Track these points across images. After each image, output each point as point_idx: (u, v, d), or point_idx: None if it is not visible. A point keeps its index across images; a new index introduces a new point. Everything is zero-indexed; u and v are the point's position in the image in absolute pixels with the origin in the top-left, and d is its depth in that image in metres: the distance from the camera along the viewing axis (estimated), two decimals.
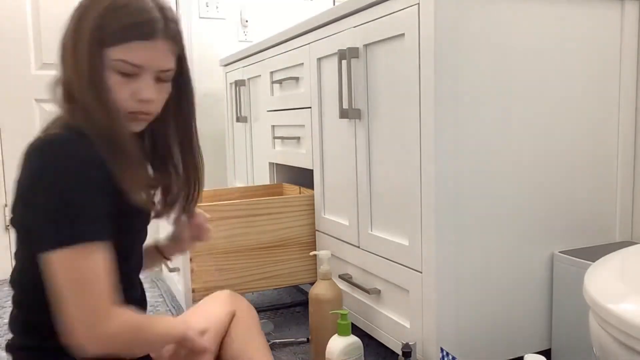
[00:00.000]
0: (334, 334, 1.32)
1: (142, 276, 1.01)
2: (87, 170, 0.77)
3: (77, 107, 0.81)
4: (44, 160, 0.76)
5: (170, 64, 0.86)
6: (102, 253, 0.77)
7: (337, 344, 1.20)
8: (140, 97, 0.83)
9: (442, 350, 1.01)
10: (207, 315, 1.07)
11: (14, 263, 0.87)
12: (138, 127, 0.88)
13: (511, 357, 1.23)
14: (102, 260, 0.77)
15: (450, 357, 1.01)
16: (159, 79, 0.86)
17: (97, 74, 0.81)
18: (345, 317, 1.21)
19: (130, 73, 0.82)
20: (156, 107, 0.88)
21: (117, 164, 0.80)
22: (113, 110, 0.82)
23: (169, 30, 0.84)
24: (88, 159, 0.77)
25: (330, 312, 1.29)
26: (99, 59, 0.80)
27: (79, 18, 0.82)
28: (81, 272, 0.75)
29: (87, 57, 0.80)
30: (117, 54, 0.81)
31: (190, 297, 1.57)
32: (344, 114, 1.38)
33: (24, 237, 0.83)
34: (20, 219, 0.82)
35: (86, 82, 0.81)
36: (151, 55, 0.83)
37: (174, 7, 2.56)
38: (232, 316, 1.10)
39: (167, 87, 0.89)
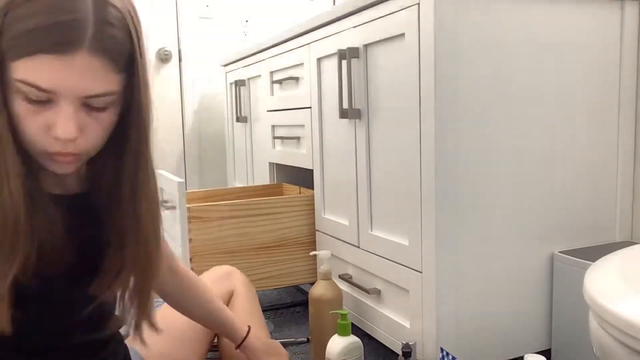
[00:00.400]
0: (334, 334, 1.32)
1: None
2: None
3: None
4: None
5: (103, 86, 0.60)
6: None
7: (337, 343, 1.20)
8: (54, 134, 0.60)
9: (442, 350, 1.01)
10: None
11: None
12: (62, 169, 0.65)
13: (511, 357, 1.23)
14: None
15: (450, 357, 1.01)
16: (88, 107, 0.61)
17: (2, 102, 0.59)
18: (345, 317, 1.21)
19: (40, 100, 0.58)
20: (86, 146, 0.63)
21: None
22: (12, 161, 0.60)
23: (102, 38, 0.58)
24: None
25: (330, 312, 1.29)
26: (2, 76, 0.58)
27: None
28: None
29: None
30: (19, 71, 0.57)
31: None
32: (344, 114, 1.38)
33: None
34: None
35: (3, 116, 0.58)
36: (67, 75, 0.57)
37: (173, 8, 2.56)
38: (231, 295, 1.08)
39: (104, 118, 0.63)
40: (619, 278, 0.78)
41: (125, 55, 0.61)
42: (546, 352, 1.25)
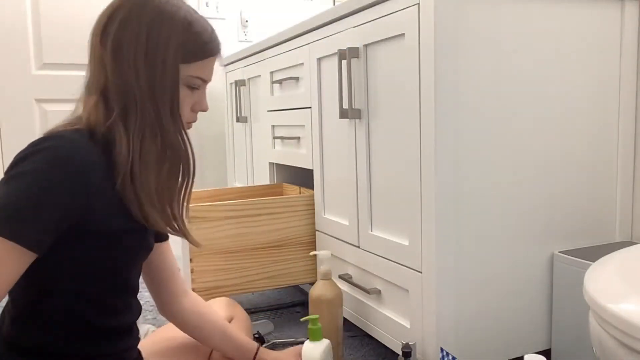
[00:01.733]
0: (334, 334, 1.32)
1: (142, 277, 1.00)
2: (61, 176, 0.72)
3: (133, 120, 0.80)
4: (38, 147, 0.74)
5: None
6: (8, 253, 0.69)
7: (314, 349, 1.18)
8: (201, 108, 0.88)
9: (442, 350, 1.01)
10: None
11: None
12: None
13: (511, 357, 1.23)
14: (6, 261, 0.70)
15: (450, 357, 1.01)
16: None
17: (176, 88, 0.82)
18: (316, 322, 1.20)
19: (197, 87, 0.86)
20: None
21: (153, 184, 0.81)
22: (182, 126, 0.85)
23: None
24: (78, 164, 0.74)
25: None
26: (178, 74, 0.82)
27: (152, 30, 0.80)
28: None
29: (170, 72, 0.81)
30: (194, 70, 0.84)
31: None
32: (344, 114, 1.38)
33: None
34: None
35: (164, 97, 0.81)
36: (212, 70, 0.88)
37: None
38: (230, 320, 1.12)
39: None
40: (619, 278, 0.78)
41: None
42: (546, 352, 1.25)
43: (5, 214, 0.70)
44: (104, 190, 0.77)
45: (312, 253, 1.48)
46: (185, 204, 0.90)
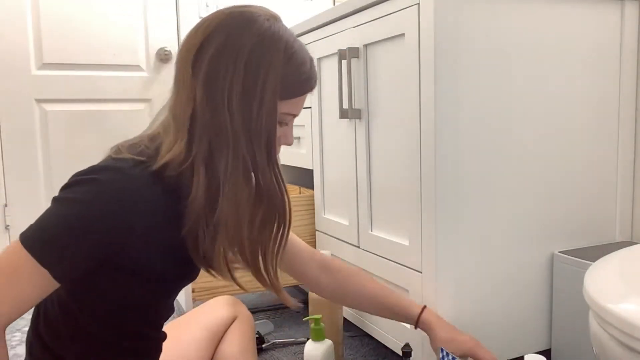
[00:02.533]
0: (333, 334, 1.32)
1: None
2: (105, 213, 0.68)
3: (221, 160, 0.73)
4: (92, 177, 0.70)
5: None
6: (36, 276, 0.68)
7: (317, 349, 1.19)
8: (287, 142, 0.82)
9: (442, 350, 1.01)
10: (209, 315, 1.09)
11: None
12: None
13: (511, 357, 1.23)
14: (30, 277, 0.68)
15: (450, 357, 1.01)
16: None
17: (273, 128, 0.75)
18: (319, 322, 1.20)
19: (287, 122, 0.80)
20: None
21: (245, 234, 0.76)
22: (277, 169, 0.78)
23: None
24: (128, 203, 0.69)
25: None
26: (276, 112, 0.75)
27: (250, 63, 0.72)
28: (7, 266, 0.68)
29: (268, 110, 0.73)
30: (289, 107, 0.78)
31: (191, 297, 1.57)
32: (344, 114, 1.38)
33: None
34: None
35: (260, 137, 0.74)
36: (302, 105, 0.81)
37: (173, 8, 2.57)
38: (234, 319, 1.11)
39: None
40: (619, 278, 0.78)
41: None
42: (546, 352, 1.25)
43: (43, 238, 0.68)
44: (154, 233, 0.73)
45: None
46: (278, 256, 0.83)
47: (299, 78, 0.77)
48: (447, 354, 1.01)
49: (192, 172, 0.74)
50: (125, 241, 0.71)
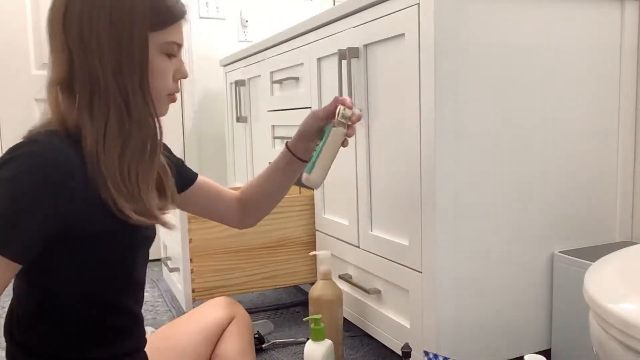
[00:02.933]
0: (333, 334, 1.32)
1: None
2: (42, 183, 0.69)
3: (99, 103, 0.76)
4: (14, 154, 0.71)
5: None
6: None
7: (317, 350, 1.19)
8: (182, 75, 0.84)
9: (426, 353, 0.99)
10: (206, 317, 1.09)
11: None
12: (167, 109, 0.86)
13: (511, 357, 1.23)
14: None
15: (440, 358, 1.00)
16: None
17: (145, 59, 0.77)
18: (319, 322, 1.20)
19: (174, 54, 0.81)
20: None
21: (115, 164, 0.75)
22: (152, 99, 0.79)
23: None
24: (56, 169, 0.70)
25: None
26: (147, 44, 0.77)
27: (114, 5, 0.76)
28: None
29: (138, 42, 0.76)
30: (168, 35, 0.79)
31: (190, 297, 1.57)
32: None
33: None
34: None
35: (132, 70, 0.76)
36: (183, 32, 0.83)
37: None
38: (231, 320, 1.11)
39: None
40: (619, 278, 0.78)
41: None
42: (546, 352, 1.25)
43: None
44: (85, 192, 0.73)
45: (312, 253, 1.48)
46: (149, 185, 0.81)
47: (167, 5, 0.79)
48: (436, 356, 1.01)
49: (81, 120, 0.76)
50: (68, 207, 0.71)
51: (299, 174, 1.08)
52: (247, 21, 2.71)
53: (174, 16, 0.80)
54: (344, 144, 1.00)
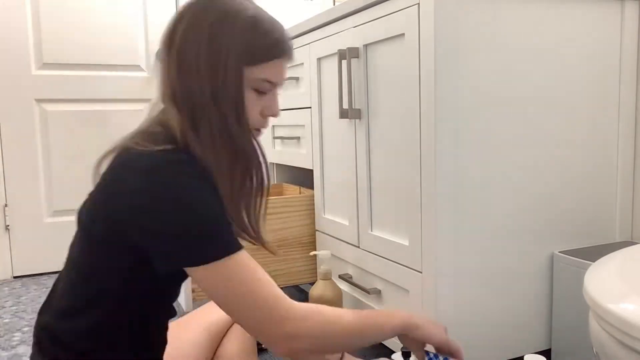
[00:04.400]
0: None
1: None
2: (206, 187, 0.75)
3: (202, 126, 0.78)
4: (162, 177, 0.73)
5: None
6: (249, 259, 0.77)
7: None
8: (272, 113, 0.84)
9: (427, 353, 0.99)
10: (210, 316, 1.09)
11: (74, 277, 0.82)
12: (259, 139, 0.87)
13: (511, 357, 1.23)
14: (254, 266, 0.77)
15: (441, 358, 0.99)
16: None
17: (241, 92, 0.79)
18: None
19: (265, 91, 0.82)
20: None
21: (229, 191, 0.79)
22: (249, 130, 0.81)
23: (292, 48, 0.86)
24: (202, 177, 0.76)
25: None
26: (242, 78, 0.79)
27: (214, 33, 0.78)
28: (244, 284, 0.75)
29: (232, 75, 0.78)
30: (260, 72, 0.80)
31: (190, 297, 1.57)
32: (344, 114, 1.38)
33: (108, 249, 0.78)
34: (120, 234, 0.76)
35: (228, 102, 0.79)
36: (283, 72, 0.84)
37: (173, 8, 2.56)
38: (234, 322, 1.11)
39: None
40: (619, 278, 0.78)
41: None
42: (546, 352, 1.25)
43: (215, 236, 0.74)
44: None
45: (312, 253, 1.48)
46: (260, 211, 0.87)
47: (265, 42, 0.80)
48: (436, 356, 1.01)
49: (188, 138, 0.78)
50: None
51: None
52: None
53: (271, 54, 0.81)
54: None
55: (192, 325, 1.08)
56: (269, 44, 0.80)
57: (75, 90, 2.43)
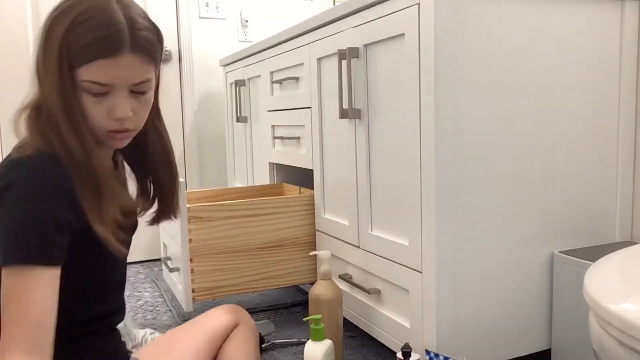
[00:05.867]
0: (333, 334, 1.32)
1: (142, 276, 1.00)
2: (49, 196, 0.73)
3: (50, 130, 0.78)
4: (11, 179, 0.74)
5: (144, 75, 0.80)
6: (44, 280, 0.72)
7: (317, 350, 1.18)
8: (115, 115, 0.79)
9: (428, 352, 0.99)
10: (211, 321, 1.09)
11: None
12: (120, 144, 0.85)
13: (511, 357, 1.23)
14: (41, 287, 0.71)
15: (441, 357, 1.00)
16: (135, 93, 0.81)
17: (68, 96, 0.76)
18: (319, 322, 1.20)
19: (101, 92, 0.78)
20: (137, 122, 0.84)
21: (86, 195, 0.77)
22: (85, 137, 0.78)
23: (137, 42, 0.78)
24: (53, 184, 0.74)
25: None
26: (70, 80, 0.76)
27: (47, 32, 0.77)
28: (18, 297, 0.70)
29: (57, 78, 0.76)
30: (85, 74, 0.76)
31: (190, 297, 1.57)
32: (344, 114, 1.38)
33: None
34: None
35: (58, 105, 0.76)
36: (118, 71, 0.77)
37: (173, 8, 2.56)
38: (236, 325, 1.11)
39: (146, 99, 0.84)
40: (619, 278, 0.78)
41: (153, 50, 0.81)
42: (546, 352, 1.25)
43: (18, 241, 0.72)
44: (76, 206, 0.78)
45: (312, 253, 1.48)
46: (109, 217, 0.82)
47: (82, 42, 0.75)
48: (436, 355, 1.01)
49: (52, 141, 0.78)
50: (78, 211, 0.76)
51: None
52: (247, 21, 2.71)
53: (88, 55, 0.76)
54: None
55: (190, 329, 1.08)
56: (86, 44, 0.75)
57: None
